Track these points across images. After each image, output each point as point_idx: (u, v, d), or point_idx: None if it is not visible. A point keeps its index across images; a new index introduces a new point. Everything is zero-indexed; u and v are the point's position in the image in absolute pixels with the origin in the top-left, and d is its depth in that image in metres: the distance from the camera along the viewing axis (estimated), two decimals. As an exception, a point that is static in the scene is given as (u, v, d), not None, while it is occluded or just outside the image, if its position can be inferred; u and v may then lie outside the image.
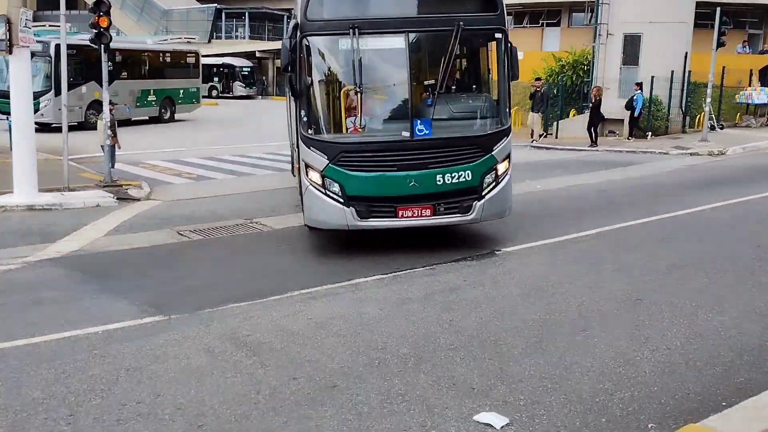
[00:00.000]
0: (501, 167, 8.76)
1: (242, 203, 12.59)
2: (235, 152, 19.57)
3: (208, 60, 42.80)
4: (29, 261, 8.81)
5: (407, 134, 8.43)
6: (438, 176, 8.43)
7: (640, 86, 21.31)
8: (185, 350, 5.93)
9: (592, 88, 22.07)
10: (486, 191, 8.68)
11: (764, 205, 12.32)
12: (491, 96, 9.53)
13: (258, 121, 29.50)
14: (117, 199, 12.55)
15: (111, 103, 14.13)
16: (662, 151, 19.66)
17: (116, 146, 14.90)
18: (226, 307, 6.98)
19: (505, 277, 8.04)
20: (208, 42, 48.98)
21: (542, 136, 22.45)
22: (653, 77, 21.90)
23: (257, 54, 51.30)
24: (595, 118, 20.98)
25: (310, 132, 8.57)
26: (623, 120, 22.22)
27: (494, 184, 8.73)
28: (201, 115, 30.64)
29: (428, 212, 8.54)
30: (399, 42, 8.41)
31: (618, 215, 11.15)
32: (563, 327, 6.42)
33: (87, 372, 5.49)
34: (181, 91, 29.03)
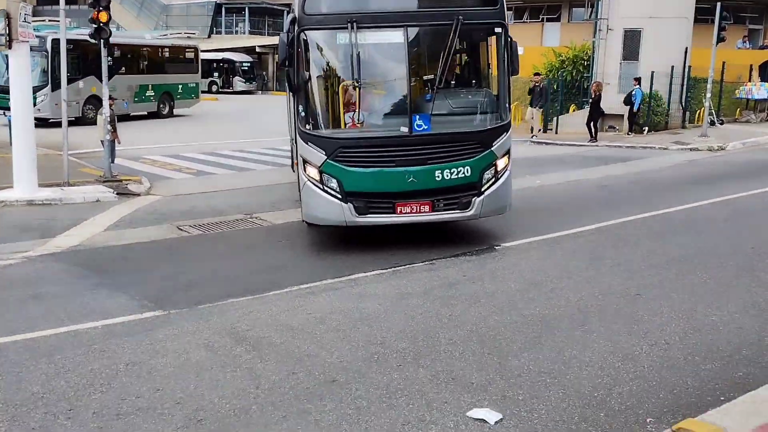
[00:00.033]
0: (501, 163, 8.72)
1: (242, 198, 12.58)
2: (235, 147, 19.58)
3: (208, 55, 42.72)
4: (29, 256, 8.81)
5: (406, 129, 8.38)
6: (437, 172, 8.38)
7: (639, 81, 21.33)
8: (185, 345, 5.94)
9: (592, 84, 22.05)
10: (485, 187, 8.63)
11: (764, 201, 12.31)
12: (491, 91, 9.47)
13: (258, 117, 29.46)
14: (117, 194, 12.56)
15: (110, 98, 14.10)
16: (662, 147, 19.63)
17: (116, 141, 14.90)
18: (226, 302, 6.99)
19: (505, 272, 8.04)
20: (208, 37, 49.01)
21: (540, 131, 22.44)
22: (653, 72, 21.90)
23: (257, 49, 51.23)
24: (595, 114, 20.96)
25: (308, 127, 8.52)
26: (623, 115, 22.23)
27: (494, 180, 8.68)
28: (200, 111, 30.59)
29: (427, 208, 8.51)
30: (398, 36, 8.34)
31: (617, 210, 11.15)
32: (562, 322, 6.43)
33: (86, 366, 5.50)
34: (180, 86, 28.94)
